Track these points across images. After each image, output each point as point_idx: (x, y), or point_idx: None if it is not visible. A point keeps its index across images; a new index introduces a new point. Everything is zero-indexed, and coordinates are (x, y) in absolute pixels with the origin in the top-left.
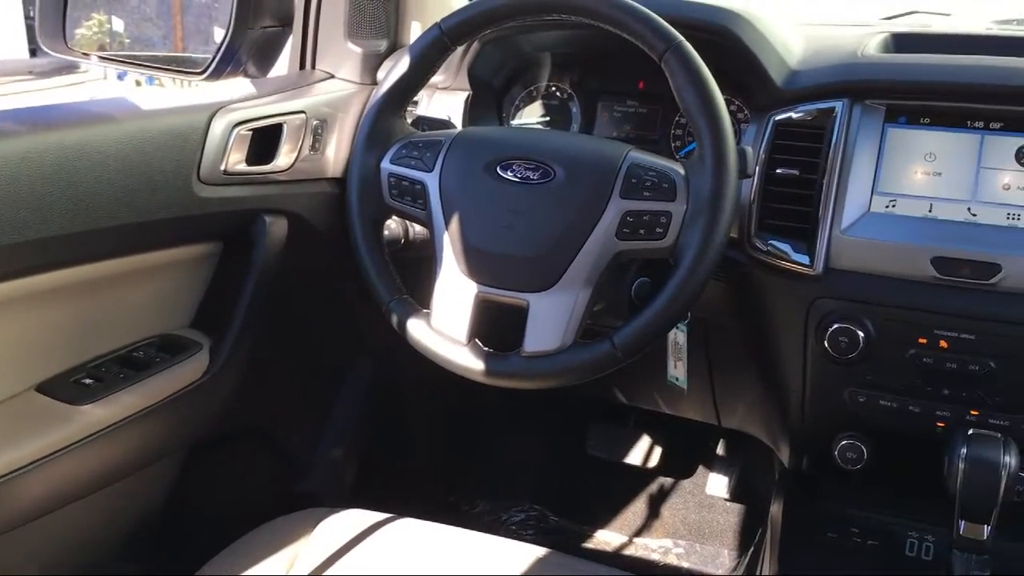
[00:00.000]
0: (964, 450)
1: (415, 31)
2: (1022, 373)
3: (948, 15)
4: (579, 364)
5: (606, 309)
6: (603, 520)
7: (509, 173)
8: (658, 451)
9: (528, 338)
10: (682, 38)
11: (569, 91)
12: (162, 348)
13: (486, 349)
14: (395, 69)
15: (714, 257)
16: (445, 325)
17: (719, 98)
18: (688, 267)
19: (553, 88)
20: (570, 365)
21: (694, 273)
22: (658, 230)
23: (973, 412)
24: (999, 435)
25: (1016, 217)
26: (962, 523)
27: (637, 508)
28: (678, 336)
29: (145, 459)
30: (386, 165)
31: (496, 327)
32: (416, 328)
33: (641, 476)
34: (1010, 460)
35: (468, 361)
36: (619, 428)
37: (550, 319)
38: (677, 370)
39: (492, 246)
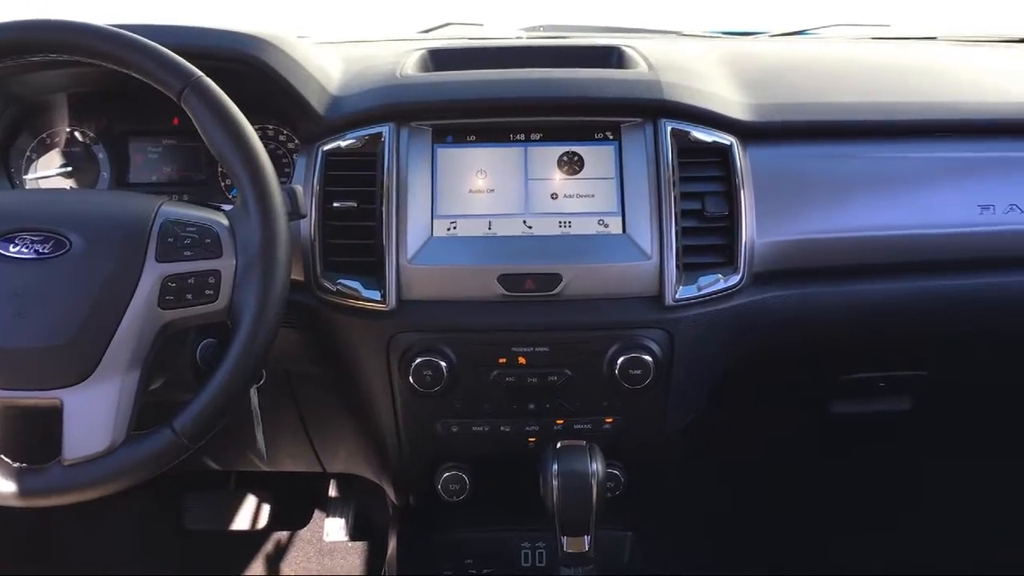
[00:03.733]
0: (555, 466)
1: None
2: (593, 375)
3: (481, 25)
4: (138, 462)
5: (170, 383)
6: None
7: (12, 248)
8: (267, 508)
9: (68, 443)
10: (200, 73)
11: (92, 135)
12: None
13: (16, 465)
14: None
15: (275, 313)
16: None
17: (251, 137)
18: (248, 329)
19: (73, 133)
20: (127, 465)
21: (255, 334)
22: (208, 292)
23: (559, 421)
24: (584, 443)
25: (567, 224)
26: (564, 539)
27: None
28: (254, 399)
29: None
30: None
31: (26, 437)
32: None
33: (251, 540)
34: (597, 467)
35: None
36: (218, 494)
37: (93, 416)
38: (258, 435)
39: (2, 340)
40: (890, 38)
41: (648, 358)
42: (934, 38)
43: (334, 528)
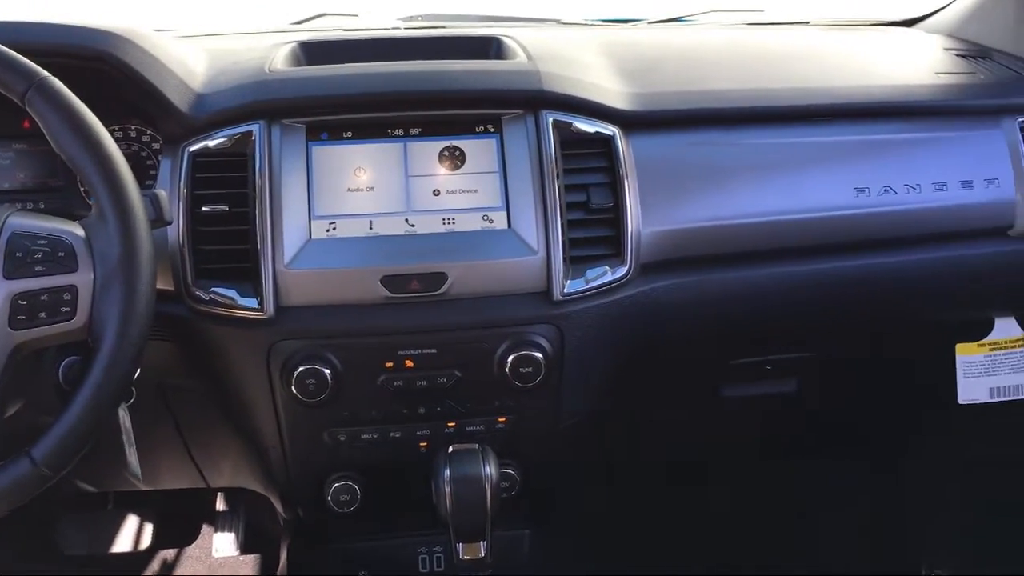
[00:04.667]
0: (447, 472)
1: None
2: (482, 375)
3: (356, 15)
4: None
5: (32, 405)
6: None
7: None
8: (150, 528)
9: None
10: (45, 74)
11: None
12: None
13: None
14: None
15: (140, 328)
16: None
17: (104, 140)
18: (110, 347)
19: None
20: None
21: (118, 352)
22: (64, 309)
23: (450, 424)
24: (476, 446)
25: (451, 221)
26: (460, 546)
27: None
28: (124, 419)
29: None
30: None
31: None
32: None
33: (136, 560)
34: (490, 470)
35: None
36: (96, 516)
37: None
38: (130, 456)
39: None
40: (764, 23)
41: (538, 355)
42: (807, 23)
43: (223, 542)
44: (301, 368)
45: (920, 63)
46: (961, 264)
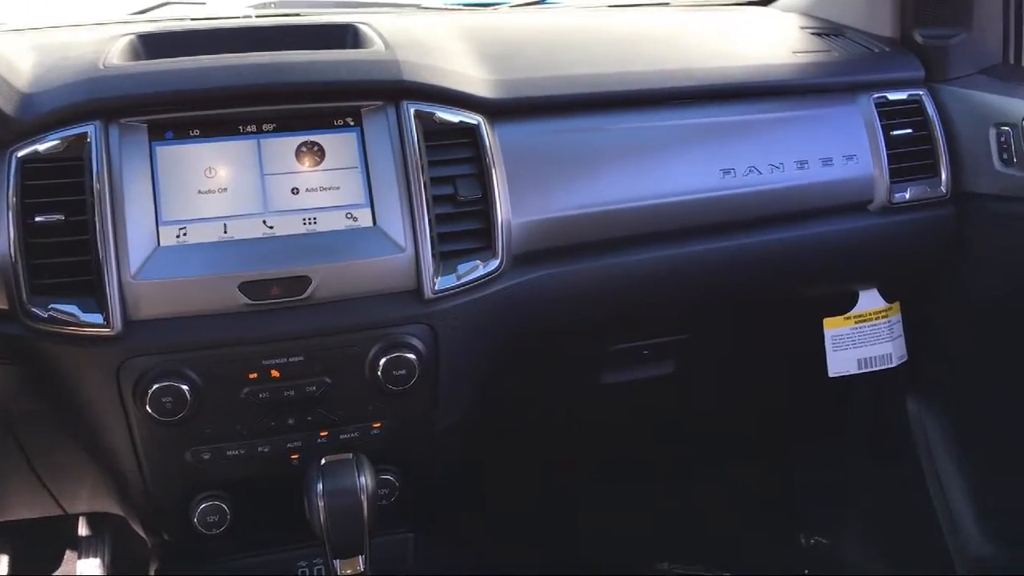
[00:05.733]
0: (320, 486)
1: None
2: (355, 381)
3: (203, 3)
4: None
5: None
6: None
7: None
8: (5, 559)
9: None
10: None
11: None
12: None
13: None
14: None
15: None
16: None
17: None
18: None
19: None
20: None
21: None
22: None
23: (323, 433)
24: (350, 455)
25: (312, 221)
26: (337, 562)
27: None
28: None
29: None
30: None
31: None
32: None
33: None
34: (366, 480)
35: None
36: None
37: None
38: None
39: None
40: (625, 5)
41: (412, 356)
42: (667, 3)
43: (88, 568)
44: (156, 386)
45: (777, 42)
46: (825, 240)
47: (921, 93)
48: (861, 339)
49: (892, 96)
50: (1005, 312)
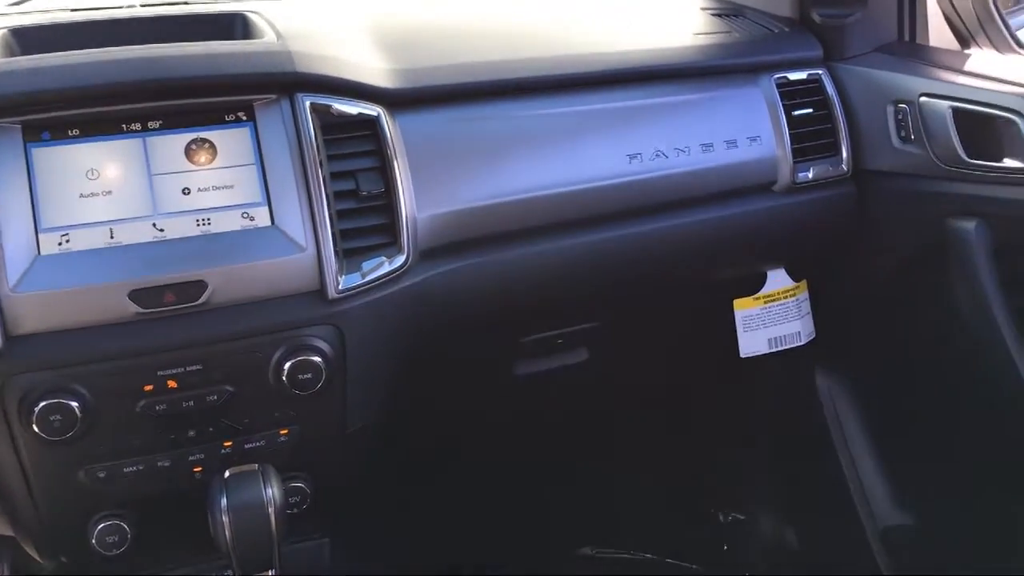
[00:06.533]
0: (223, 500)
1: None
2: (258, 387)
3: None
4: None
5: None
6: None
7: None
8: None
9: None
10: None
11: None
12: None
13: None
14: None
15: None
16: None
17: None
18: None
19: None
20: None
21: None
22: None
23: (227, 444)
24: (256, 466)
25: (206, 223)
26: None
27: None
28: None
29: None
30: None
31: None
32: None
33: None
34: (273, 492)
35: None
36: None
37: None
38: None
39: None
40: None
41: (317, 359)
42: None
43: None
44: (43, 404)
45: (678, 24)
46: (732, 222)
47: (820, 72)
48: (770, 319)
49: (792, 76)
50: (904, 287)
